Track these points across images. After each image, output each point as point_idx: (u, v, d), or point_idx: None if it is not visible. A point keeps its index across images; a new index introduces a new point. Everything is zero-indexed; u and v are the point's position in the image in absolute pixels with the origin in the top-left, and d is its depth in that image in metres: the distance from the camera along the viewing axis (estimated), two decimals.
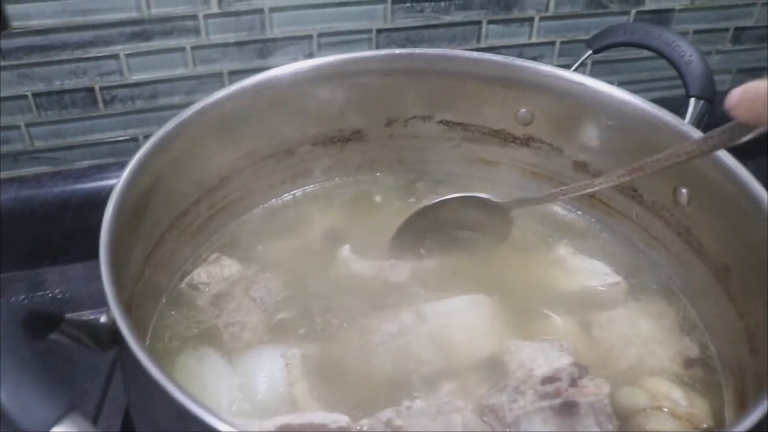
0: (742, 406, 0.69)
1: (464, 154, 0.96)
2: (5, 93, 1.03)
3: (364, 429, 0.62)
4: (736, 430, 0.51)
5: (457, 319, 0.76)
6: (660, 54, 0.90)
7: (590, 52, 0.93)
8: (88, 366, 0.85)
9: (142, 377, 0.51)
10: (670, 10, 1.25)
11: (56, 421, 0.43)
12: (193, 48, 1.07)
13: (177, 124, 0.75)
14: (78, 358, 0.85)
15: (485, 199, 0.84)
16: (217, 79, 1.11)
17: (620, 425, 0.65)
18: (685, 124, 0.79)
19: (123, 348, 0.55)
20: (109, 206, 0.64)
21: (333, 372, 0.72)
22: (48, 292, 0.97)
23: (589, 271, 0.85)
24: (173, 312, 0.79)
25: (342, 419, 0.57)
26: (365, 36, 1.13)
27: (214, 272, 0.83)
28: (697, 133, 0.77)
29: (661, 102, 0.81)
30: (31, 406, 0.43)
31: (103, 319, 0.58)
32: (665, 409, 0.69)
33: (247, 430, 0.46)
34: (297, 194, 0.96)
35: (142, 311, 0.75)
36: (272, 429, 0.55)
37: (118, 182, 0.67)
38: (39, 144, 1.10)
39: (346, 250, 0.85)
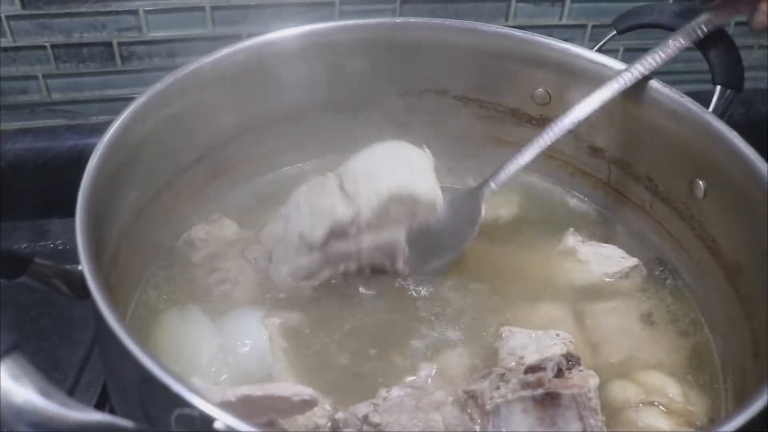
0: None
1: (478, 131, 0.93)
2: (24, 42, 1.03)
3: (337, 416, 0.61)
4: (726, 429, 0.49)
5: None
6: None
7: (614, 32, 0.88)
8: (81, 317, 0.85)
9: (105, 331, 0.50)
10: None
11: None
12: (213, 8, 1.05)
13: (174, 80, 0.74)
14: (74, 309, 0.85)
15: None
16: (236, 42, 1.08)
17: (608, 419, 0.62)
18: (707, 113, 0.75)
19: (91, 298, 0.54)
20: (93, 157, 0.63)
21: (312, 343, 0.70)
22: (50, 242, 0.97)
23: (605, 257, 0.81)
24: (167, 267, 0.79)
25: (305, 392, 0.55)
26: (389, 6, 1.10)
27: (213, 231, 0.82)
28: (719, 123, 0.73)
29: (693, 95, 0.76)
30: None
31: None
32: (659, 405, 0.66)
33: (201, 399, 0.44)
34: (305, 164, 0.94)
35: (133, 264, 0.75)
36: (233, 399, 0.53)
37: (105, 135, 0.65)
38: (56, 96, 1.09)
39: None
